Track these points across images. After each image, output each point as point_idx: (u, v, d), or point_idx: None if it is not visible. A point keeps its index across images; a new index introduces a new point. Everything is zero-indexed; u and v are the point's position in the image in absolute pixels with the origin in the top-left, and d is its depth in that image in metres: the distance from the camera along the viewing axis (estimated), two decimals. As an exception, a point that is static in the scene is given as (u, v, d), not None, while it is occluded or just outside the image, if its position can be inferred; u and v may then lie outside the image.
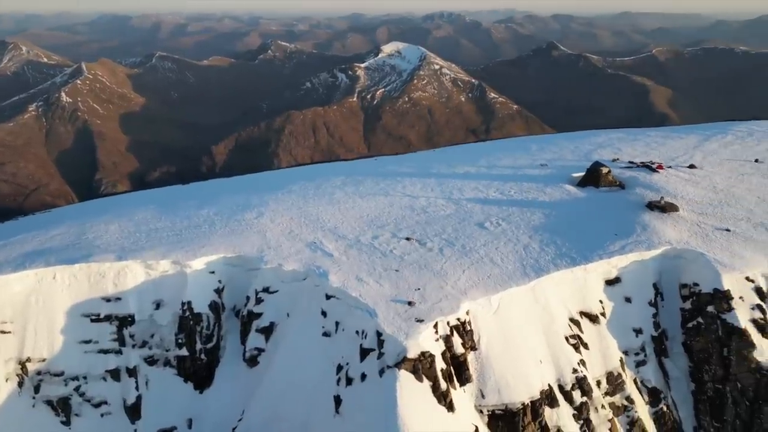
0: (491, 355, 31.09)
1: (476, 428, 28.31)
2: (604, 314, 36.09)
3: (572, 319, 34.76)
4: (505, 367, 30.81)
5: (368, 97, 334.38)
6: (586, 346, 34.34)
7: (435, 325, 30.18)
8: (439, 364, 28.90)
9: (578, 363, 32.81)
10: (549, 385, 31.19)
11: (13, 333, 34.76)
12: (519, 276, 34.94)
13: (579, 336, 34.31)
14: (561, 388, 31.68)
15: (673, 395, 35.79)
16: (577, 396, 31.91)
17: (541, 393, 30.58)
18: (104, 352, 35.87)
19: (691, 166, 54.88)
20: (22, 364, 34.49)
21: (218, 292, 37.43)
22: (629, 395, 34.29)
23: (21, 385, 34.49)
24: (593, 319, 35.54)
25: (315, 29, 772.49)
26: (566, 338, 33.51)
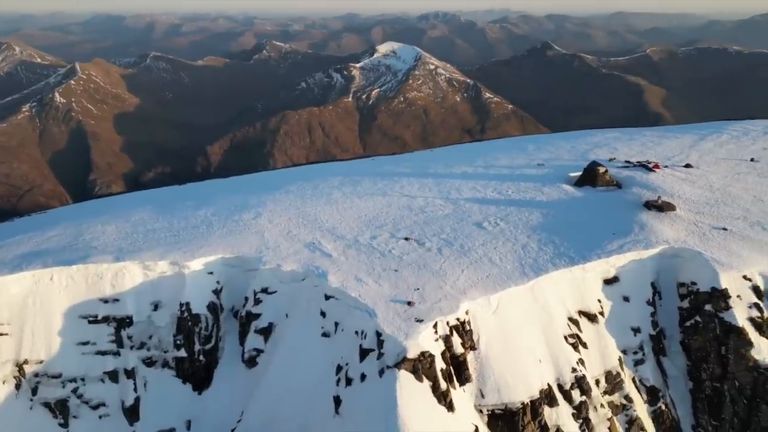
0: (491, 355, 31.15)
1: (476, 428, 28.36)
2: (602, 313, 36.21)
3: (571, 319, 34.85)
4: (504, 367, 30.88)
5: (363, 97, 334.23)
6: (584, 345, 34.45)
7: (434, 325, 30.20)
8: (439, 364, 28.91)
9: (577, 362, 32.92)
10: (548, 385, 31.28)
11: (11, 335, 34.55)
12: (518, 276, 35.00)
13: (578, 335, 34.40)
14: (560, 387, 31.77)
15: (672, 394, 35.94)
16: (576, 395, 32.00)
17: (541, 392, 30.66)
18: (102, 353, 35.74)
19: (688, 166, 55.11)
20: (20, 366, 34.28)
21: (216, 292, 37.31)
22: (628, 394, 34.41)
23: (18, 387, 34.29)
24: (592, 318, 35.65)
25: (310, 29, 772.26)
26: (565, 337, 33.61)
